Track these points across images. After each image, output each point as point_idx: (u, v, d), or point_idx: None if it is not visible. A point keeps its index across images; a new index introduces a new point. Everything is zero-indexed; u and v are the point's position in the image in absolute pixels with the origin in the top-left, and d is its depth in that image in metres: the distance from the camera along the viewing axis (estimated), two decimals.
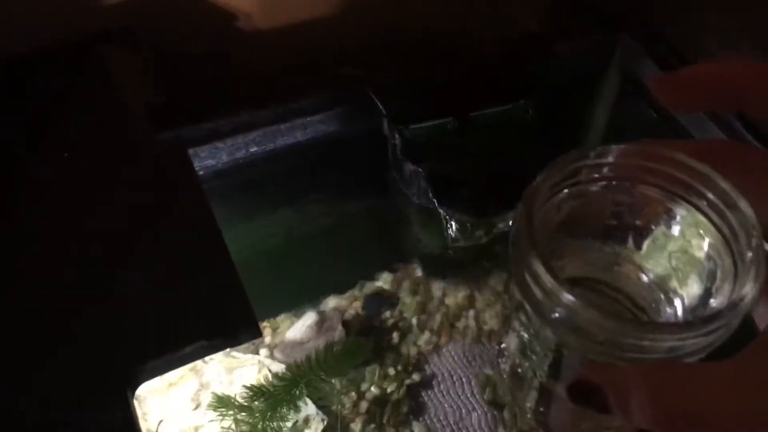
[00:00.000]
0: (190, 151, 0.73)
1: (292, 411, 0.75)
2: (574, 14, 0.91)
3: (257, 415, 0.71)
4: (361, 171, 0.87)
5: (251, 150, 0.80)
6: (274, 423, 0.72)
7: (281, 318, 0.99)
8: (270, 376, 0.87)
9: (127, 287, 0.58)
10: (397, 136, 0.75)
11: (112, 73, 0.79)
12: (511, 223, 0.75)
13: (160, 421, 0.83)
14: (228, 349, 0.96)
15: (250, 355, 0.95)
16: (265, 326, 1.00)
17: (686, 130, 0.87)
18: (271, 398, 0.71)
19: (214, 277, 0.60)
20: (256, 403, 0.71)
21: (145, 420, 0.83)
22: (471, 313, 1.00)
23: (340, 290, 0.99)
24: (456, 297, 1.01)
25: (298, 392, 0.79)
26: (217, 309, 0.57)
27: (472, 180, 0.75)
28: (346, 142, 0.83)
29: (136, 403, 0.54)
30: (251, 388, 0.73)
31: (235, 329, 0.56)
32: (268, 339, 1.00)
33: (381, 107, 0.77)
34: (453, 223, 0.71)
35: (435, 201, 0.71)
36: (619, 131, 0.93)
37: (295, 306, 0.98)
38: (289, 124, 0.80)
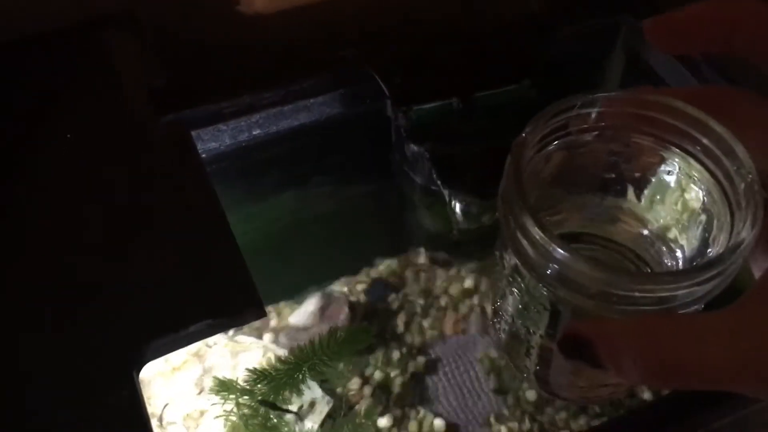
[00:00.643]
0: (193, 134, 0.72)
1: (295, 395, 0.75)
2: None
3: (259, 398, 0.71)
4: (365, 153, 0.87)
5: (254, 133, 0.80)
6: (277, 405, 0.72)
7: (285, 303, 0.99)
8: (273, 360, 0.87)
9: (131, 268, 0.58)
10: (400, 116, 0.74)
11: (113, 55, 0.78)
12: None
13: (165, 405, 0.83)
14: (231, 333, 0.96)
15: (254, 339, 0.95)
16: (269, 311, 1.00)
17: None
18: (274, 382, 0.71)
19: (218, 258, 0.59)
20: (258, 386, 0.71)
21: (150, 404, 0.83)
22: (476, 297, 1.00)
23: (344, 275, 0.99)
24: (461, 281, 1.01)
25: (300, 376, 0.79)
26: (222, 289, 0.57)
27: (476, 161, 0.74)
28: (349, 124, 0.83)
29: (140, 386, 0.53)
30: (253, 371, 0.73)
31: (239, 309, 0.56)
32: (272, 323, 1.00)
33: (384, 88, 0.76)
34: (458, 205, 0.71)
35: (439, 183, 0.70)
36: None
37: (298, 291, 0.98)
38: (291, 106, 0.79)
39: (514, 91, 0.78)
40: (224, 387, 0.71)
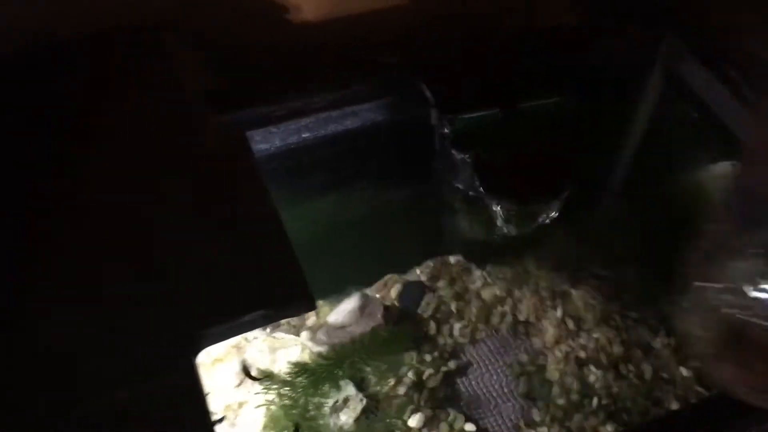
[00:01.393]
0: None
1: (333, 390, 0.78)
2: (619, 12, 0.92)
3: (300, 390, 0.74)
4: (407, 159, 0.89)
5: (303, 136, 0.83)
6: (316, 399, 0.75)
7: (322, 302, 1.02)
8: (313, 355, 0.90)
9: (191, 260, 0.61)
10: (445, 125, 0.77)
11: (172, 58, 0.82)
12: (552, 214, 0.77)
13: (207, 394, 0.86)
14: (269, 330, 0.99)
15: (292, 336, 0.98)
16: None
17: (728, 130, 0.88)
18: (315, 375, 0.73)
19: (272, 252, 0.62)
20: (299, 379, 0.74)
21: None
22: (508, 304, 1.02)
23: (380, 277, 1.02)
24: (494, 288, 1.03)
25: (341, 372, 0.81)
26: (275, 282, 0.60)
27: (518, 170, 0.77)
28: (393, 131, 0.86)
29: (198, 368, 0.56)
30: (296, 364, 0.76)
31: (291, 301, 0.59)
32: (310, 321, 1.03)
33: (430, 97, 0.79)
34: (499, 212, 0.73)
35: (482, 189, 0.73)
36: (661, 127, 0.94)
37: (336, 290, 1.01)
38: (339, 112, 0.83)
39: (554, 104, 0.80)
40: (267, 377, 0.74)
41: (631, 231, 1.00)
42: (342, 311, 0.96)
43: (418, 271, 1.03)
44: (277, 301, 0.59)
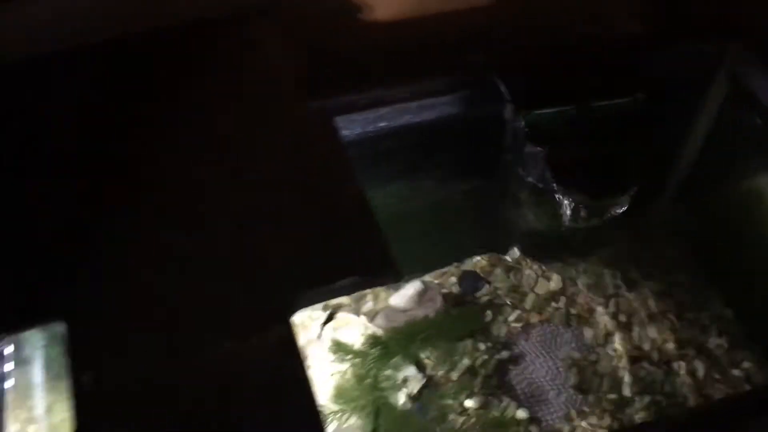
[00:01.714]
0: None
1: (401, 364, 0.82)
2: (686, 19, 0.95)
3: (371, 361, 0.78)
4: (478, 153, 0.93)
5: (380, 125, 0.87)
6: (387, 371, 0.79)
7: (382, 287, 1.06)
8: (366, 338, 0.94)
9: (287, 230, 0.66)
10: (520, 119, 0.80)
11: (265, 46, 0.87)
12: (620, 209, 0.81)
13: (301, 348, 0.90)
14: (331, 309, 1.04)
15: (353, 316, 1.02)
16: (368, 293, 1.08)
17: None
18: (387, 348, 0.77)
19: (360, 226, 0.67)
20: (372, 350, 0.78)
21: None
22: (563, 297, 1.05)
23: (441, 264, 1.06)
24: (550, 281, 1.07)
25: (402, 352, 0.85)
26: (364, 253, 0.64)
27: (588, 165, 0.80)
28: (466, 125, 0.90)
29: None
30: (370, 336, 0.80)
31: (380, 271, 0.63)
32: (368, 305, 1.07)
33: (506, 93, 0.83)
34: (568, 204, 0.77)
35: (553, 182, 0.76)
36: (725, 132, 0.96)
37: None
38: (417, 104, 0.87)
39: (626, 104, 0.84)
40: (341, 348, 0.78)
41: (689, 232, 1.03)
42: (403, 295, 1.00)
43: (476, 261, 1.07)
44: (367, 270, 0.63)
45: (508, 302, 1.05)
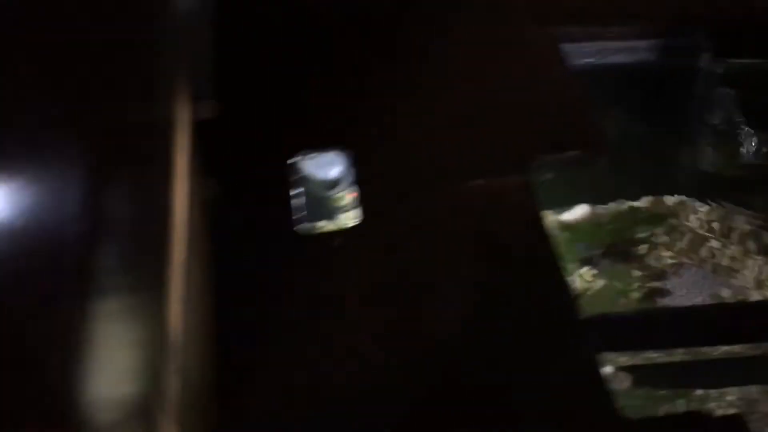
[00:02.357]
0: None
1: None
2: None
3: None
4: (666, 99, 1.06)
5: (584, 60, 1.01)
6: None
7: (551, 211, 1.20)
8: None
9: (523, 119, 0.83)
10: (716, 66, 0.92)
11: None
12: None
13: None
14: None
15: None
16: None
17: None
18: None
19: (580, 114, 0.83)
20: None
21: None
22: (718, 240, 1.15)
23: (607, 201, 1.19)
24: (708, 225, 1.17)
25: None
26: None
27: None
28: (659, 71, 1.02)
29: None
30: None
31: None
32: None
33: (704, 41, 0.94)
34: (754, 140, 0.88)
35: (742, 117, 0.88)
36: None
37: (566, 203, 1.19)
38: (617, 44, 1.00)
39: None
40: None
41: None
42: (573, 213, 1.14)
43: (641, 201, 1.19)
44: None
45: (667, 238, 1.16)
